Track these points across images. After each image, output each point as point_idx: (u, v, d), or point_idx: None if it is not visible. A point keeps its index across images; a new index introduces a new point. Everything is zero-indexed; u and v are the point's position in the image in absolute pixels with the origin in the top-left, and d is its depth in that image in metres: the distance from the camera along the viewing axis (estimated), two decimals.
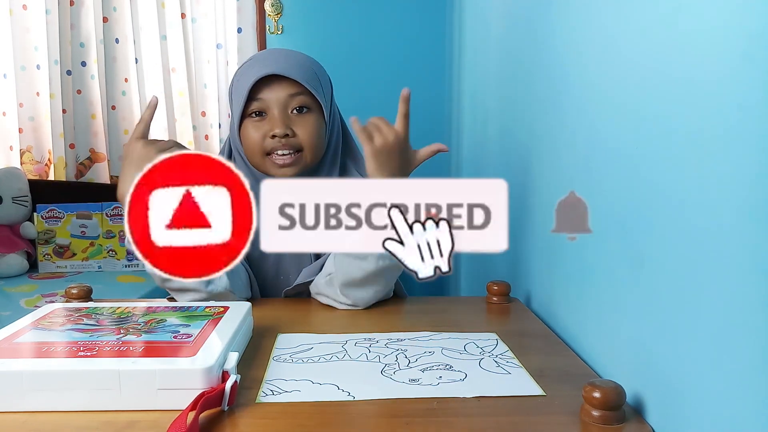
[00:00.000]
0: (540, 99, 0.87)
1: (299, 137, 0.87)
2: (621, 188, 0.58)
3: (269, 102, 0.86)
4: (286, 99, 0.87)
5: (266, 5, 2.04)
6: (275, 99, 0.86)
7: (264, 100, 0.86)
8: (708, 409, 0.43)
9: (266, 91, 0.86)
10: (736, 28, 0.40)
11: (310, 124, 0.87)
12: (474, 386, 0.56)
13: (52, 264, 1.98)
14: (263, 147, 0.87)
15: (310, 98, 0.88)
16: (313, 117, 0.88)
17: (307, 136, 0.87)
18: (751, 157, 0.38)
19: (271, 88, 0.86)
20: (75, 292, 0.82)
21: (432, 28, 2.03)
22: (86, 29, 2.11)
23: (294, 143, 0.86)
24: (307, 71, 0.88)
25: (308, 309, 0.85)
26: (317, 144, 0.88)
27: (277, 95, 0.86)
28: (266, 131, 0.86)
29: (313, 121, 0.88)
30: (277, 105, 0.86)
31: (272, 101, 0.86)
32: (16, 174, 2.02)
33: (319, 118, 0.89)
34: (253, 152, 0.88)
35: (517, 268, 0.98)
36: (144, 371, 0.51)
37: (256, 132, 0.87)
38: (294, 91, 0.87)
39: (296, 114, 0.87)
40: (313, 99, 0.88)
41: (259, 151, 0.87)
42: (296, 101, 0.87)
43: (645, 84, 0.53)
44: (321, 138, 0.89)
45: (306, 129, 0.87)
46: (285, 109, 0.87)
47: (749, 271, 0.39)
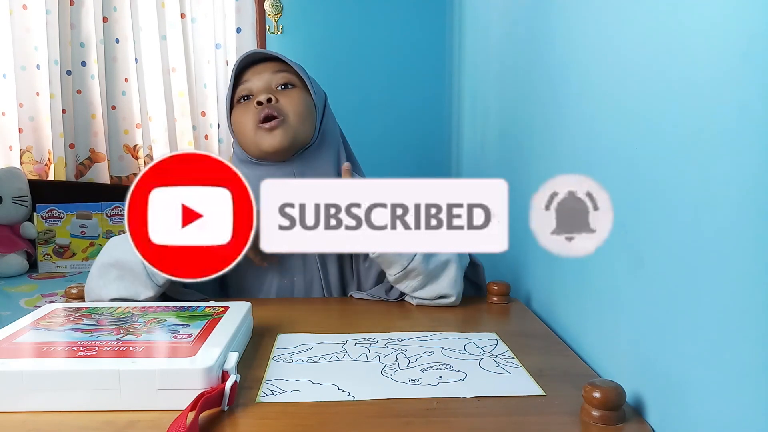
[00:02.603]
0: (540, 99, 0.87)
1: (282, 104, 0.87)
2: (621, 188, 0.58)
3: (254, 82, 0.89)
4: (269, 76, 0.89)
5: (266, 5, 2.04)
6: (258, 79, 0.89)
7: (249, 81, 0.89)
8: (708, 408, 0.43)
9: (250, 74, 0.90)
10: (735, 28, 0.40)
11: (295, 95, 0.89)
12: (474, 386, 0.56)
13: (52, 264, 1.98)
14: (252, 121, 0.87)
15: (294, 76, 0.90)
16: (298, 91, 0.90)
17: (291, 105, 0.87)
18: (750, 157, 0.38)
19: (255, 70, 0.90)
20: (75, 292, 0.82)
21: (432, 28, 2.03)
22: (86, 29, 2.11)
23: (277, 108, 0.86)
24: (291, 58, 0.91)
25: (308, 309, 0.85)
26: (303, 115, 0.88)
27: (260, 75, 0.89)
28: (252, 108, 0.87)
29: (298, 94, 0.89)
30: (261, 82, 0.89)
31: (256, 82, 0.89)
32: (16, 174, 2.02)
33: (306, 95, 0.90)
34: (244, 131, 0.88)
35: (517, 268, 0.98)
36: (144, 371, 0.51)
37: (243, 112, 0.88)
38: (277, 68, 0.90)
39: (281, 90, 0.90)
40: (297, 78, 0.91)
41: (249, 127, 0.87)
42: (279, 77, 0.90)
43: (645, 84, 0.54)
44: (308, 112, 0.89)
45: (290, 99, 0.88)
46: (269, 85, 0.89)
47: (749, 271, 0.39)
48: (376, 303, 0.86)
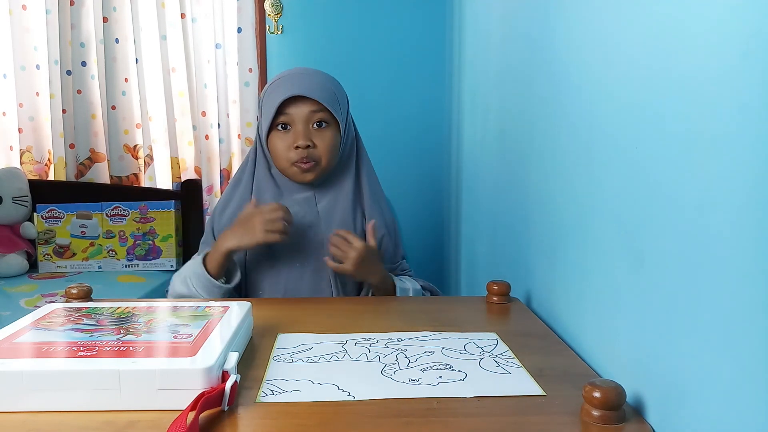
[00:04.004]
0: (540, 99, 0.87)
1: (318, 148, 1.02)
2: (621, 188, 0.58)
3: (294, 117, 1.02)
4: (308, 115, 1.02)
5: (266, 5, 2.03)
6: (299, 115, 1.01)
7: (290, 115, 1.02)
8: (708, 408, 0.43)
9: (292, 107, 1.01)
10: (736, 27, 0.40)
11: (328, 137, 1.03)
12: (474, 386, 0.56)
13: (52, 264, 1.98)
14: (288, 156, 1.02)
15: (328, 114, 1.03)
16: (331, 131, 1.04)
17: (325, 148, 1.03)
18: (751, 156, 0.38)
19: (297, 106, 1.01)
20: (75, 292, 0.82)
21: (432, 28, 2.03)
22: (86, 29, 2.10)
23: (313, 154, 1.02)
24: (327, 92, 1.03)
25: (308, 309, 0.85)
26: (333, 154, 1.04)
27: (301, 111, 1.01)
28: (291, 142, 1.01)
29: (331, 134, 1.03)
30: (300, 120, 1.02)
31: (297, 117, 1.02)
32: (16, 174, 2.02)
33: (336, 131, 1.04)
34: (280, 159, 1.04)
35: (517, 268, 0.98)
36: (144, 371, 0.51)
37: (282, 142, 1.03)
38: (315, 108, 1.02)
39: (316, 128, 1.03)
40: (330, 115, 1.03)
41: (285, 159, 1.03)
42: (316, 117, 1.02)
43: (645, 84, 0.54)
44: (336, 148, 1.05)
45: (324, 141, 1.02)
46: (307, 123, 1.02)
47: (749, 271, 0.39)
48: (376, 303, 0.86)
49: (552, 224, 0.80)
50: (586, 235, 0.68)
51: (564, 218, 0.75)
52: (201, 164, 2.14)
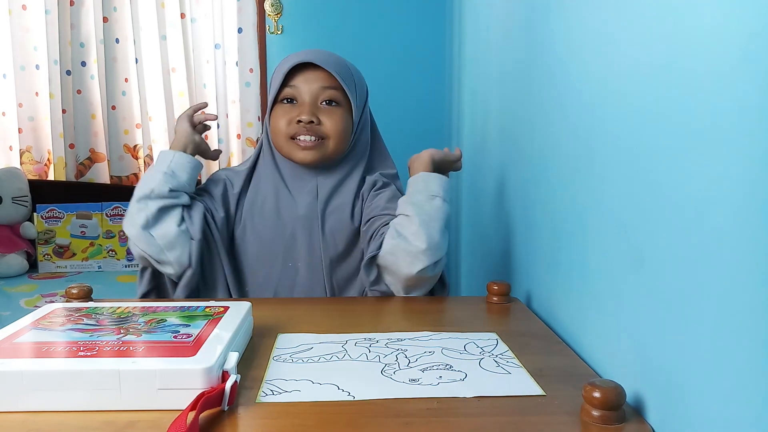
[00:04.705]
0: (540, 98, 0.87)
1: (324, 126, 0.90)
2: (621, 188, 0.58)
3: (301, 90, 0.90)
4: (318, 90, 0.90)
5: (266, 5, 2.04)
6: (307, 88, 0.90)
7: (296, 87, 0.91)
8: (708, 408, 0.43)
9: (300, 79, 0.90)
10: (736, 27, 0.40)
11: (337, 116, 0.91)
12: (474, 386, 0.56)
13: (52, 264, 1.98)
14: (287, 131, 0.90)
15: (341, 94, 0.92)
16: (341, 111, 0.92)
17: (333, 126, 0.90)
18: (751, 156, 0.38)
19: (306, 78, 0.90)
20: (75, 292, 0.82)
21: (432, 28, 2.03)
22: (86, 29, 2.11)
23: (318, 130, 0.90)
24: (343, 68, 0.92)
25: (308, 309, 0.85)
26: (342, 137, 0.92)
27: (310, 85, 0.90)
28: (293, 116, 0.90)
29: (341, 114, 0.92)
30: (308, 94, 0.90)
31: (304, 90, 0.90)
32: (16, 174, 2.02)
33: (347, 114, 0.93)
34: (279, 135, 0.92)
35: (517, 268, 0.98)
36: (144, 371, 0.51)
37: (283, 116, 0.91)
38: (326, 83, 0.90)
39: (325, 106, 0.91)
40: (344, 96, 0.92)
41: (284, 135, 0.91)
42: (327, 94, 0.91)
43: (645, 83, 0.53)
44: (346, 132, 0.92)
45: (332, 120, 0.91)
46: (315, 99, 0.91)
47: (749, 271, 0.39)
48: (376, 303, 0.86)
49: (552, 224, 0.80)
50: (586, 235, 0.68)
51: (564, 218, 0.75)
52: None
